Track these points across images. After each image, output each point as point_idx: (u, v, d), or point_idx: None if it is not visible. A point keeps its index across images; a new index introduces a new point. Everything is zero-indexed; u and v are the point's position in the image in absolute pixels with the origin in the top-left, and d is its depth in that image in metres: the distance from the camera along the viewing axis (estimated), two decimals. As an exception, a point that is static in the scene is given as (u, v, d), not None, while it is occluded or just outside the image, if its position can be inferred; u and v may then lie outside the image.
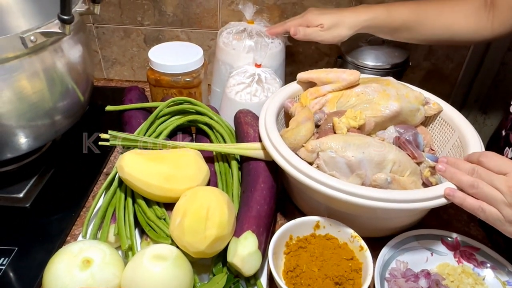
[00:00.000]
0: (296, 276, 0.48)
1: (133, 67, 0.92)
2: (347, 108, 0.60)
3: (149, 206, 0.54)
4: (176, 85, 0.71)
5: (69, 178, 0.66)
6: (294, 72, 0.89)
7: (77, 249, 0.46)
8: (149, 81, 0.72)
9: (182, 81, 0.70)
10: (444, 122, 0.63)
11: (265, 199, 0.53)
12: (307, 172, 0.50)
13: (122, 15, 0.85)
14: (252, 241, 0.48)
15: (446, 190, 0.48)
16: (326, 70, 0.64)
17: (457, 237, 0.54)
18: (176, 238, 0.48)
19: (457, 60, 0.85)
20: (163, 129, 0.64)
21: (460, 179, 0.48)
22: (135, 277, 0.44)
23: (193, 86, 0.72)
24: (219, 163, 0.62)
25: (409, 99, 0.61)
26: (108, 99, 0.87)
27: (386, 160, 0.52)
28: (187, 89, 0.72)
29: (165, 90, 0.72)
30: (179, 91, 0.72)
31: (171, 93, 0.72)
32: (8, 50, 0.50)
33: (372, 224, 0.54)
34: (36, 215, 0.59)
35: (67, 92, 0.61)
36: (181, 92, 0.72)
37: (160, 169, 0.53)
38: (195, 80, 0.71)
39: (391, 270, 0.51)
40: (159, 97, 0.73)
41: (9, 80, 0.52)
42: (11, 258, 0.53)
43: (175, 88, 0.71)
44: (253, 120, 0.64)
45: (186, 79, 0.70)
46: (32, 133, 0.59)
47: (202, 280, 0.50)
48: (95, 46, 0.89)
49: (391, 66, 0.74)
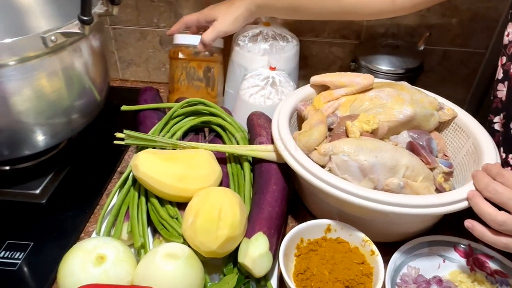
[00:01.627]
0: (306, 279, 0.48)
1: (148, 68, 0.94)
2: (360, 112, 0.60)
3: (162, 205, 0.55)
4: (196, 58, 0.75)
5: (84, 176, 0.67)
6: (307, 75, 0.89)
7: (92, 246, 0.47)
8: (170, 55, 0.77)
9: (201, 55, 0.75)
10: (458, 128, 0.62)
11: (276, 201, 0.54)
12: (319, 175, 0.50)
13: (139, 17, 0.86)
14: (263, 242, 0.48)
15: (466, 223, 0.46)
16: (339, 74, 0.64)
17: (470, 244, 0.53)
18: (188, 237, 0.49)
19: (472, 65, 0.85)
20: (177, 129, 0.65)
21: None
22: (147, 275, 0.45)
23: (212, 61, 0.76)
24: (232, 164, 0.62)
25: (423, 104, 0.60)
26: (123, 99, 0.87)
27: (399, 164, 0.52)
28: (206, 62, 0.75)
29: (184, 63, 0.76)
30: (198, 65, 0.75)
31: (190, 66, 0.76)
32: (30, 50, 0.52)
33: (384, 229, 0.54)
34: (51, 212, 0.61)
35: (84, 91, 0.62)
36: (199, 65, 0.75)
37: (174, 169, 0.54)
38: (214, 55, 0.76)
39: (402, 276, 0.51)
40: (178, 71, 0.77)
41: (30, 79, 0.53)
42: (26, 253, 0.54)
43: (195, 60, 0.75)
44: (266, 122, 0.65)
45: (205, 53, 0.75)
46: (50, 131, 0.60)
47: (212, 280, 0.50)
48: (112, 47, 0.91)
49: (405, 71, 0.73)
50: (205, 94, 0.78)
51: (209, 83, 0.78)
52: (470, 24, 0.79)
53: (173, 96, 0.79)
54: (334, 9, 0.66)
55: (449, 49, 0.83)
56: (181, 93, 0.78)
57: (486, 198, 0.46)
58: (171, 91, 0.80)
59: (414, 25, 0.81)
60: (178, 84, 0.78)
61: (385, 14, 0.66)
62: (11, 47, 0.50)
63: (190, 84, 0.78)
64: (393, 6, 0.63)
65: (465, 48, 0.82)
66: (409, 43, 0.78)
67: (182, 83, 0.78)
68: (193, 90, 0.78)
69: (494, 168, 0.48)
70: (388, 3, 0.63)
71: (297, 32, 0.80)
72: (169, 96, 0.80)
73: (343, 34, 0.83)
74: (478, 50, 0.82)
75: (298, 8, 0.68)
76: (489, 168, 0.48)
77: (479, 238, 0.46)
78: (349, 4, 0.65)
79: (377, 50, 0.76)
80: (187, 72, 0.77)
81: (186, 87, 0.78)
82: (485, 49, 0.82)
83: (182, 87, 0.78)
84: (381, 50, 0.76)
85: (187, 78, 0.77)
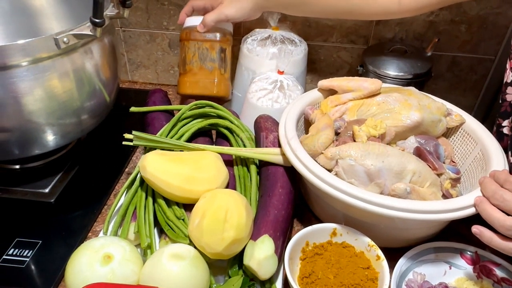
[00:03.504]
0: (311, 283, 0.48)
1: (157, 70, 0.95)
2: (367, 116, 0.60)
3: (169, 206, 0.56)
4: (209, 39, 0.75)
5: (92, 176, 0.68)
6: (315, 79, 0.90)
7: (99, 245, 0.48)
8: (181, 37, 0.77)
9: (214, 37, 0.75)
10: (466, 134, 0.62)
11: (283, 204, 0.54)
12: (325, 179, 0.50)
13: (149, 19, 0.87)
14: (269, 245, 0.48)
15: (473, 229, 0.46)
16: (347, 79, 0.64)
17: (477, 251, 0.53)
18: (194, 238, 0.49)
19: (481, 72, 0.84)
20: (185, 131, 0.66)
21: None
22: (153, 275, 0.45)
23: (225, 42, 0.76)
24: (238, 166, 0.63)
25: (431, 110, 0.60)
26: (132, 101, 0.88)
27: (405, 170, 0.52)
28: (219, 43, 0.75)
29: (197, 44, 0.75)
30: (210, 46, 0.75)
31: (204, 47, 0.75)
32: (42, 50, 0.53)
33: (390, 234, 0.54)
34: (60, 211, 0.61)
35: (94, 93, 0.63)
36: (212, 46, 0.75)
37: (181, 170, 0.54)
38: (227, 36, 0.76)
39: (408, 282, 0.51)
40: (190, 52, 0.76)
41: (42, 79, 0.54)
42: (35, 251, 0.55)
43: (208, 41, 0.75)
44: (273, 125, 0.65)
45: (217, 35, 0.75)
46: (60, 131, 0.61)
47: (218, 281, 0.50)
48: (122, 49, 0.92)
49: (413, 76, 0.73)
50: (219, 74, 0.77)
51: (223, 64, 0.77)
52: (479, 30, 0.79)
53: (185, 78, 0.78)
54: (340, 7, 0.66)
55: (458, 55, 0.83)
56: (194, 74, 0.77)
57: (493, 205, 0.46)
58: (182, 73, 0.78)
59: (422, 31, 0.81)
60: (190, 65, 0.77)
61: (391, 14, 0.66)
62: (24, 48, 0.51)
63: (203, 65, 0.77)
64: (399, 7, 0.63)
65: (474, 54, 0.82)
66: (417, 49, 0.78)
67: (195, 64, 0.77)
68: (206, 71, 0.77)
69: (501, 175, 0.47)
70: (394, 3, 0.63)
71: (306, 36, 0.81)
72: (180, 79, 0.79)
73: (351, 39, 0.84)
74: (487, 57, 0.82)
75: (305, 3, 0.67)
76: (496, 175, 0.48)
77: (487, 243, 0.45)
78: (356, 2, 0.65)
79: (385, 55, 0.76)
80: (200, 52, 0.76)
81: (198, 68, 0.77)
82: (494, 56, 0.82)
83: (195, 68, 0.77)
84: (389, 55, 0.76)
85: (200, 59, 0.76)
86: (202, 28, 0.73)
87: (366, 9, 0.65)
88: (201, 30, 0.73)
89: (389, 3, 0.64)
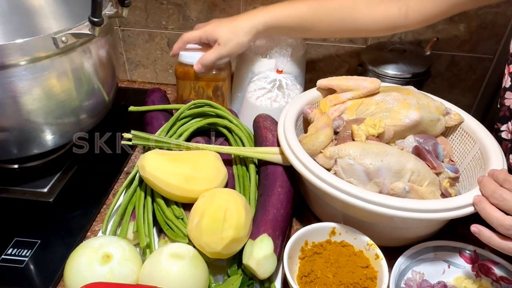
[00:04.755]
0: (310, 282, 0.48)
1: (156, 69, 0.94)
2: (366, 116, 0.60)
3: (168, 205, 0.55)
4: (204, 78, 0.73)
5: (91, 176, 0.68)
6: (314, 79, 0.89)
7: (98, 244, 0.47)
8: (177, 75, 0.74)
9: (210, 74, 0.72)
10: (465, 133, 0.62)
11: (282, 203, 0.54)
12: (324, 178, 0.50)
13: (148, 18, 0.87)
14: (268, 244, 0.48)
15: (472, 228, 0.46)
16: (346, 78, 0.64)
17: (475, 250, 0.53)
18: (194, 238, 0.49)
19: (480, 71, 0.84)
20: (184, 130, 0.66)
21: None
22: (153, 274, 0.45)
23: (220, 80, 0.74)
24: (237, 166, 0.63)
25: (429, 109, 0.60)
26: (130, 100, 0.88)
27: (404, 169, 0.52)
28: (214, 82, 0.73)
29: (193, 83, 0.74)
30: (206, 84, 0.74)
31: (199, 86, 0.74)
32: (41, 50, 0.53)
33: (389, 233, 0.54)
34: (58, 210, 0.61)
35: (93, 92, 0.63)
36: (208, 85, 0.73)
37: (180, 169, 0.54)
38: (222, 73, 0.73)
39: (407, 280, 0.51)
40: (186, 91, 0.75)
41: (40, 79, 0.54)
42: (34, 250, 0.55)
43: (203, 80, 0.73)
44: (272, 125, 0.65)
45: (213, 72, 0.72)
46: (59, 130, 0.61)
47: (217, 280, 0.50)
48: (120, 48, 0.92)
49: (412, 76, 0.73)
50: None
51: (219, 100, 0.76)
52: (478, 29, 0.79)
53: None
54: (346, 27, 0.65)
55: (457, 54, 0.83)
56: None
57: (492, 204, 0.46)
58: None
59: (421, 30, 0.81)
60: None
61: (398, 29, 0.65)
62: (22, 47, 0.51)
63: None
64: (406, 20, 0.62)
65: (473, 53, 0.82)
66: (416, 48, 0.78)
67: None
68: None
69: (500, 174, 0.47)
70: (400, 17, 0.62)
71: (304, 35, 0.81)
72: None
73: (350, 38, 0.84)
74: (486, 56, 0.82)
75: (308, 27, 0.66)
76: (495, 175, 0.48)
77: (486, 243, 0.46)
78: (362, 20, 0.64)
79: (384, 55, 0.76)
80: (196, 91, 0.75)
81: None
82: (493, 55, 0.82)
83: None
84: (388, 54, 0.76)
85: (197, 97, 0.76)
86: (199, 68, 0.70)
87: (372, 26, 0.64)
88: (198, 70, 0.70)
89: (395, 17, 0.63)
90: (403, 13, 0.62)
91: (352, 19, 0.64)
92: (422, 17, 0.62)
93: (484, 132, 0.59)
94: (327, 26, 0.65)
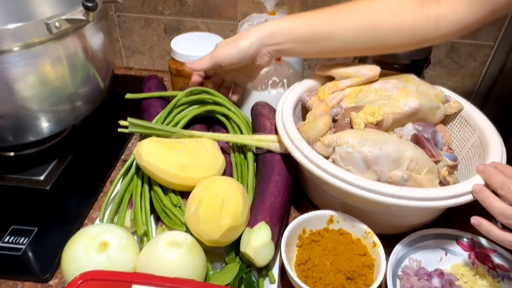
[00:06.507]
0: (308, 269, 0.49)
1: (152, 56, 0.93)
2: (365, 103, 0.60)
3: (165, 193, 0.55)
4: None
5: (88, 163, 0.67)
6: (312, 66, 0.89)
7: (95, 232, 0.47)
8: (170, 71, 0.73)
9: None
10: (464, 121, 0.62)
11: (279, 191, 0.54)
12: (322, 166, 0.50)
13: (144, 4, 0.85)
14: (266, 232, 0.48)
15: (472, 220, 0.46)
16: (345, 65, 0.63)
17: (473, 238, 0.53)
18: (191, 226, 0.49)
19: (480, 58, 0.84)
20: (181, 118, 0.65)
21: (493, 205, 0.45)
22: (150, 262, 0.45)
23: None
24: (235, 154, 0.62)
25: (429, 97, 0.60)
26: (127, 87, 0.87)
27: (403, 157, 0.52)
28: (208, 80, 0.72)
29: (186, 80, 0.72)
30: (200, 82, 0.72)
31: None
32: (34, 36, 0.51)
33: (386, 221, 0.54)
34: (55, 198, 0.61)
35: (88, 78, 0.62)
36: (201, 83, 0.72)
37: (177, 157, 0.54)
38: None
39: (404, 268, 0.51)
40: (179, 87, 0.74)
41: (34, 65, 0.53)
42: (31, 238, 0.54)
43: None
44: (270, 112, 0.64)
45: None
46: (54, 118, 0.60)
47: (214, 268, 0.50)
48: (116, 34, 0.90)
49: (411, 63, 0.72)
50: None
51: None
52: (479, 15, 0.78)
53: None
54: (365, 38, 0.56)
55: (457, 41, 0.82)
56: None
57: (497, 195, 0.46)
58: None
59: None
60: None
61: (428, 41, 0.57)
62: (15, 33, 0.50)
63: None
64: (437, 31, 0.54)
65: (473, 40, 0.81)
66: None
67: None
68: None
69: (508, 170, 0.47)
70: (431, 28, 0.54)
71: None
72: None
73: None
74: (486, 43, 0.81)
75: (320, 37, 0.57)
76: (504, 170, 0.47)
77: (486, 234, 0.46)
78: (387, 32, 0.55)
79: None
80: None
81: None
82: (493, 42, 0.81)
83: None
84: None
85: None
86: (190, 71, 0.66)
87: (397, 38, 0.55)
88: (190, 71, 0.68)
89: (426, 27, 0.54)
90: (432, 22, 0.53)
91: (374, 29, 0.55)
92: (456, 26, 0.53)
93: (484, 120, 0.59)
94: (345, 44, 0.57)
